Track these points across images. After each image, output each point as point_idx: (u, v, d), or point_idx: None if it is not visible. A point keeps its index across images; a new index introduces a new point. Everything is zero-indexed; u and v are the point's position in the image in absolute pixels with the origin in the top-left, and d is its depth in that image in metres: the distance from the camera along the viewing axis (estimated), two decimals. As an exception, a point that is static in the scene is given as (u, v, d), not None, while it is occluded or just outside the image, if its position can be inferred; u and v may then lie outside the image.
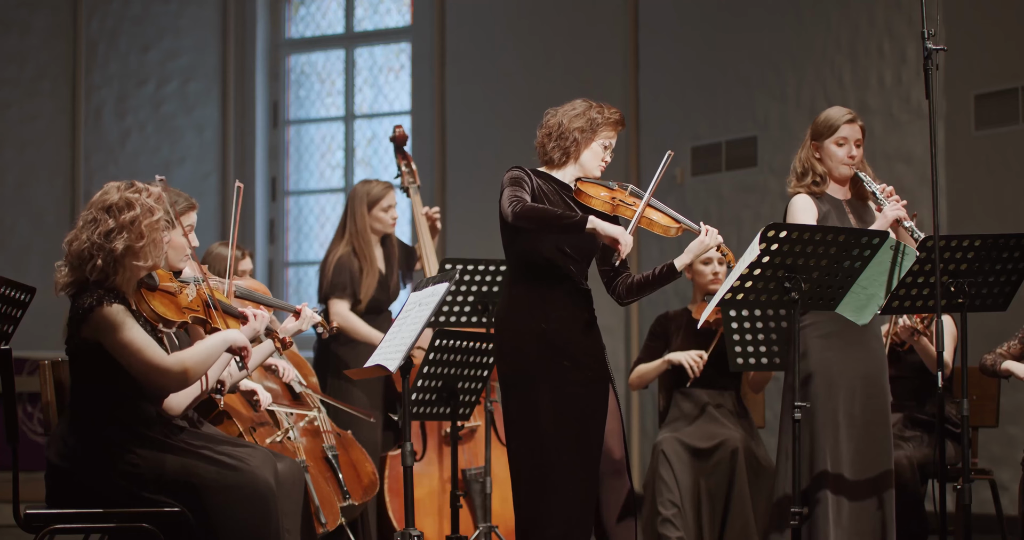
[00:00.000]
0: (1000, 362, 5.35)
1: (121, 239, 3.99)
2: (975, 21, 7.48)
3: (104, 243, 3.99)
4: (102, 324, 3.96)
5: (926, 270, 4.54)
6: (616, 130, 4.68)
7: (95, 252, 3.99)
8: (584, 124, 4.63)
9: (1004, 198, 7.40)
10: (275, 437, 5.22)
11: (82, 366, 4.07)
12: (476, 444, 6.11)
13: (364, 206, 6.27)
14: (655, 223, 4.56)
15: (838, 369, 4.89)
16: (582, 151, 4.65)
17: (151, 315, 4.09)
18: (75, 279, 4.04)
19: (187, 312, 4.15)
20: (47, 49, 10.02)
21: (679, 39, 8.78)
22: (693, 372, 5.99)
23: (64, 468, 4.03)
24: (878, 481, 4.88)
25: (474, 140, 9.49)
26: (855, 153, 4.97)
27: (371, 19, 10.31)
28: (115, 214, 4.02)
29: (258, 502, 4.01)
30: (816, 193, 4.97)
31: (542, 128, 4.70)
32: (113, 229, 4.00)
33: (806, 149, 5.03)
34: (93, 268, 4.00)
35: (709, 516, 5.87)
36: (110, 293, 3.99)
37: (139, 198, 4.05)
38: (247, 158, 10.28)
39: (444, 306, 5.60)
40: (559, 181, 4.66)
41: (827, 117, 5.01)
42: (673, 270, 4.59)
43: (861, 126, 5.00)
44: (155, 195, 4.10)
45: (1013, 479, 6.75)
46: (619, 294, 4.71)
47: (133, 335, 3.97)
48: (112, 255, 3.99)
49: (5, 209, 9.87)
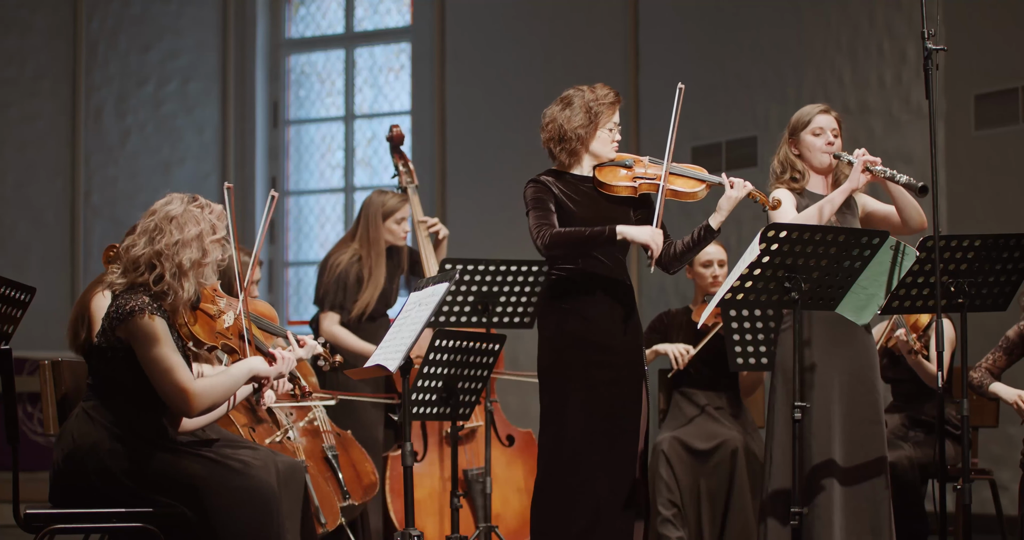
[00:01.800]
0: (987, 383, 5.33)
1: (187, 253, 4.00)
2: (975, 21, 7.48)
3: (171, 254, 4.00)
4: (139, 333, 3.96)
5: (926, 270, 4.54)
6: (615, 109, 4.69)
7: (159, 262, 4.00)
8: (583, 118, 4.63)
9: (1004, 198, 7.41)
10: (275, 437, 5.22)
11: (110, 364, 4.06)
12: (477, 444, 6.12)
13: (379, 217, 6.26)
14: (680, 192, 4.58)
15: (830, 368, 4.88)
16: (590, 143, 4.67)
17: (184, 333, 4.09)
18: (127, 281, 4.04)
19: (219, 338, 4.16)
20: (47, 49, 10.01)
21: (679, 39, 8.78)
22: (677, 363, 6.02)
23: (70, 465, 4.03)
24: (873, 477, 4.88)
25: (474, 140, 9.49)
26: (833, 141, 4.96)
27: (371, 19, 10.31)
28: (180, 226, 4.02)
29: (260, 504, 4.01)
30: (796, 189, 4.98)
31: (543, 131, 4.71)
32: (179, 242, 4.01)
33: (783, 148, 5.04)
34: (157, 278, 3.99)
35: (709, 516, 5.88)
36: (156, 302, 3.99)
37: (203, 214, 4.07)
38: (247, 158, 10.28)
39: (444, 306, 5.60)
40: (578, 176, 4.68)
41: (800, 112, 5.04)
42: (711, 230, 4.62)
43: (836, 117, 5.01)
44: (217, 212, 4.11)
45: (1013, 479, 6.75)
46: (663, 264, 4.72)
47: (167, 353, 3.97)
48: (181, 269, 4.00)
49: (5, 209, 9.86)
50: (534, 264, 5.65)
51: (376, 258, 6.24)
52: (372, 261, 6.23)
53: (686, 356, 6.03)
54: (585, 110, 4.62)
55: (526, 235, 4.65)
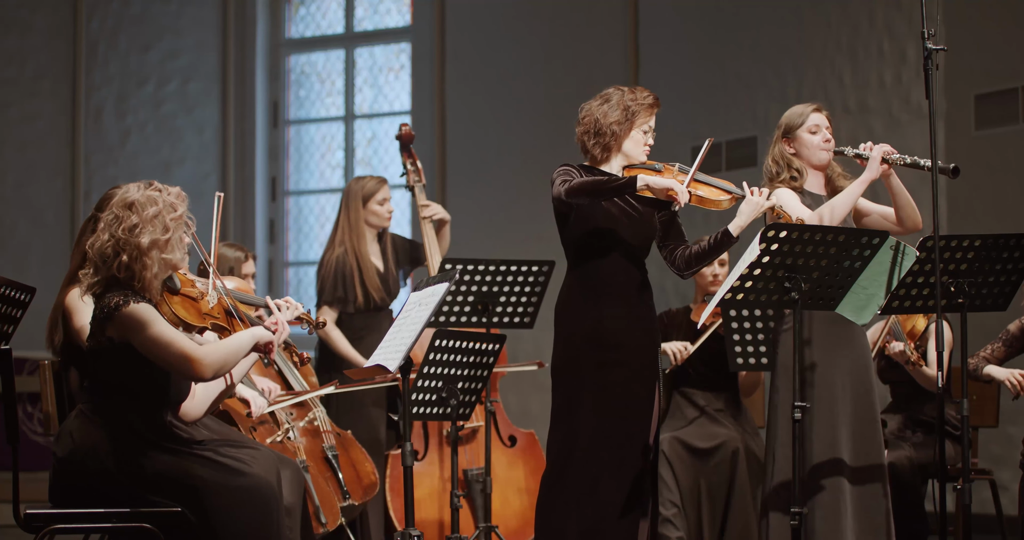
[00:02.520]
0: (982, 366, 5.36)
1: (147, 233, 4.00)
2: (975, 21, 7.48)
3: (129, 238, 3.99)
4: (129, 322, 3.95)
5: (926, 270, 4.54)
6: (652, 112, 4.71)
7: (120, 248, 4.00)
8: (619, 116, 4.65)
9: (1004, 198, 7.40)
10: (275, 437, 5.22)
11: (104, 365, 4.06)
12: (479, 444, 6.11)
13: (359, 201, 6.24)
14: (705, 199, 4.58)
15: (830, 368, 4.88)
16: (623, 142, 4.68)
17: (172, 318, 4.09)
18: (101, 278, 4.03)
19: (207, 318, 4.16)
20: (47, 49, 10.01)
21: (679, 39, 8.78)
22: (675, 360, 6.02)
23: (70, 466, 4.03)
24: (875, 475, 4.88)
25: (474, 140, 9.49)
26: (830, 138, 4.97)
27: (371, 19, 10.30)
28: (138, 210, 4.02)
29: (260, 504, 4.01)
30: (796, 187, 4.98)
31: (579, 125, 4.73)
32: (137, 224, 4.01)
33: (777, 147, 5.01)
34: (120, 265, 3.99)
35: (709, 516, 5.88)
36: (136, 294, 3.99)
37: (160, 195, 4.07)
38: (247, 158, 10.28)
39: (444, 306, 5.60)
40: (606, 173, 4.69)
41: (793, 111, 5.03)
42: (728, 235, 4.61)
43: (827, 116, 5.02)
44: (175, 193, 4.12)
45: (1013, 479, 6.74)
46: (678, 266, 4.73)
47: (162, 329, 3.96)
48: (138, 250, 3.99)
49: (5, 209, 9.86)
50: (534, 264, 5.65)
51: (359, 240, 6.21)
52: (357, 245, 6.20)
53: (684, 352, 6.03)
54: (623, 108, 4.65)
55: (526, 235, 4.66)
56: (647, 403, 4.63)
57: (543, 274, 5.69)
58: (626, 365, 4.60)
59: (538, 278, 5.69)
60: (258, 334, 4.15)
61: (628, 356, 4.61)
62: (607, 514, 4.56)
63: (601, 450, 4.56)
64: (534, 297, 5.71)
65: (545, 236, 8.59)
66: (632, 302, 4.65)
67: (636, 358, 4.62)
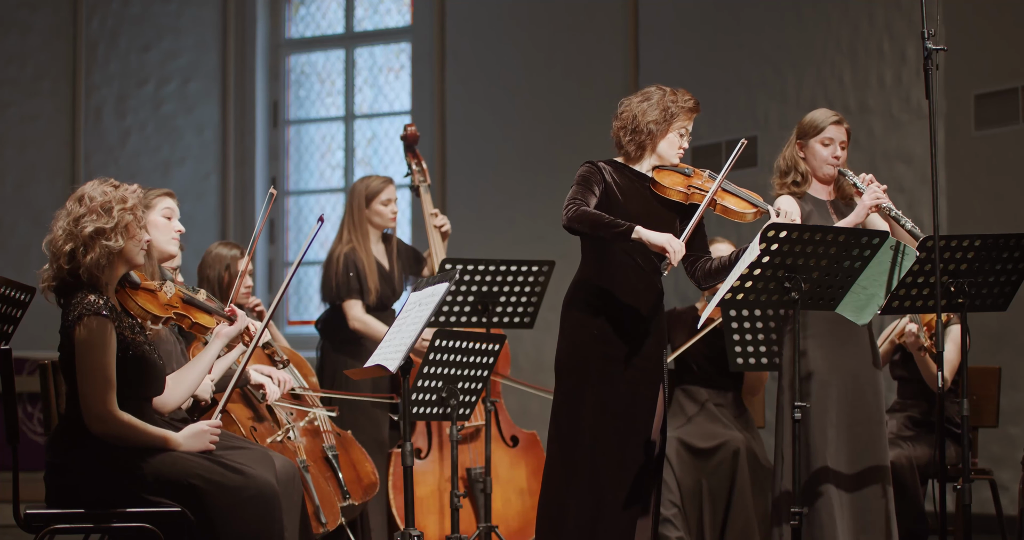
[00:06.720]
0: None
1: (90, 221, 4.01)
2: (975, 21, 7.48)
3: (74, 228, 4.01)
4: (83, 336, 3.95)
5: (926, 270, 4.54)
6: (691, 116, 4.70)
7: (69, 239, 4.01)
8: (658, 116, 4.64)
9: (1004, 198, 7.40)
10: (275, 436, 5.22)
11: None
12: (481, 444, 6.11)
13: (363, 200, 6.26)
14: (730, 210, 4.58)
15: (831, 368, 4.89)
16: (658, 142, 4.67)
17: (138, 312, 4.10)
18: (54, 274, 4.04)
19: (169, 309, 4.18)
20: (47, 49, 10.01)
21: (679, 39, 8.78)
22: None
23: (63, 468, 4.03)
24: (876, 476, 4.89)
25: (474, 140, 9.49)
26: (839, 154, 5.01)
27: (371, 19, 10.31)
28: (86, 202, 4.05)
29: (260, 504, 4.01)
30: (797, 193, 4.99)
31: (616, 120, 4.72)
32: (84, 214, 4.03)
33: (791, 147, 5.07)
34: (66, 256, 4.00)
35: (710, 516, 5.87)
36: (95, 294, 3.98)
37: (113, 191, 4.09)
38: (247, 158, 10.28)
39: (444, 306, 5.60)
40: (636, 172, 4.69)
41: (813, 118, 5.05)
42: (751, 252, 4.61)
43: (847, 129, 5.04)
44: (131, 189, 4.14)
45: (1013, 479, 6.75)
46: (697, 278, 4.73)
47: (106, 362, 3.96)
48: (82, 238, 4.00)
49: (5, 209, 9.87)
50: (534, 264, 5.65)
51: (363, 239, 6.23)
52: (362, 243, 6.22)
53: None
54: (662, 108, 4.64)
55: (526, 235, 4.66)
56: (651, 403, 4.63)
57: (543, 274, 5.69)
58: (631, 364, 4.60)
59: (538, 278, 5.69)
60: (221, 331, 4.23)
61: (634, 355, 4.61)
62: (606, 512, 4.56)
63: (603, 448, 4.57)
64: (534, 297, 5.71)
65: (545, 236, 8.61)
66: (642, 303, 4.64)
67: (642, 357, 4.62)
